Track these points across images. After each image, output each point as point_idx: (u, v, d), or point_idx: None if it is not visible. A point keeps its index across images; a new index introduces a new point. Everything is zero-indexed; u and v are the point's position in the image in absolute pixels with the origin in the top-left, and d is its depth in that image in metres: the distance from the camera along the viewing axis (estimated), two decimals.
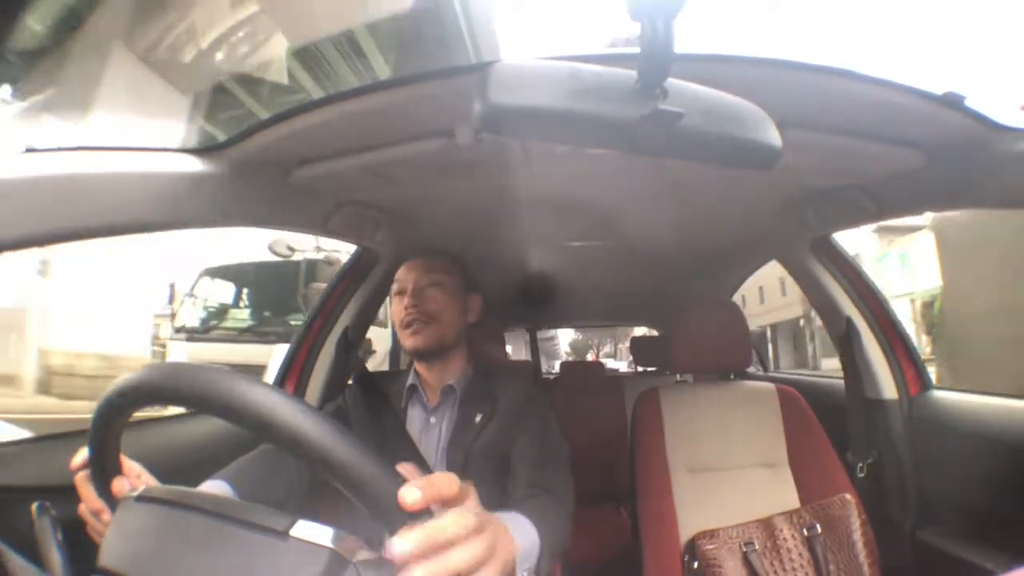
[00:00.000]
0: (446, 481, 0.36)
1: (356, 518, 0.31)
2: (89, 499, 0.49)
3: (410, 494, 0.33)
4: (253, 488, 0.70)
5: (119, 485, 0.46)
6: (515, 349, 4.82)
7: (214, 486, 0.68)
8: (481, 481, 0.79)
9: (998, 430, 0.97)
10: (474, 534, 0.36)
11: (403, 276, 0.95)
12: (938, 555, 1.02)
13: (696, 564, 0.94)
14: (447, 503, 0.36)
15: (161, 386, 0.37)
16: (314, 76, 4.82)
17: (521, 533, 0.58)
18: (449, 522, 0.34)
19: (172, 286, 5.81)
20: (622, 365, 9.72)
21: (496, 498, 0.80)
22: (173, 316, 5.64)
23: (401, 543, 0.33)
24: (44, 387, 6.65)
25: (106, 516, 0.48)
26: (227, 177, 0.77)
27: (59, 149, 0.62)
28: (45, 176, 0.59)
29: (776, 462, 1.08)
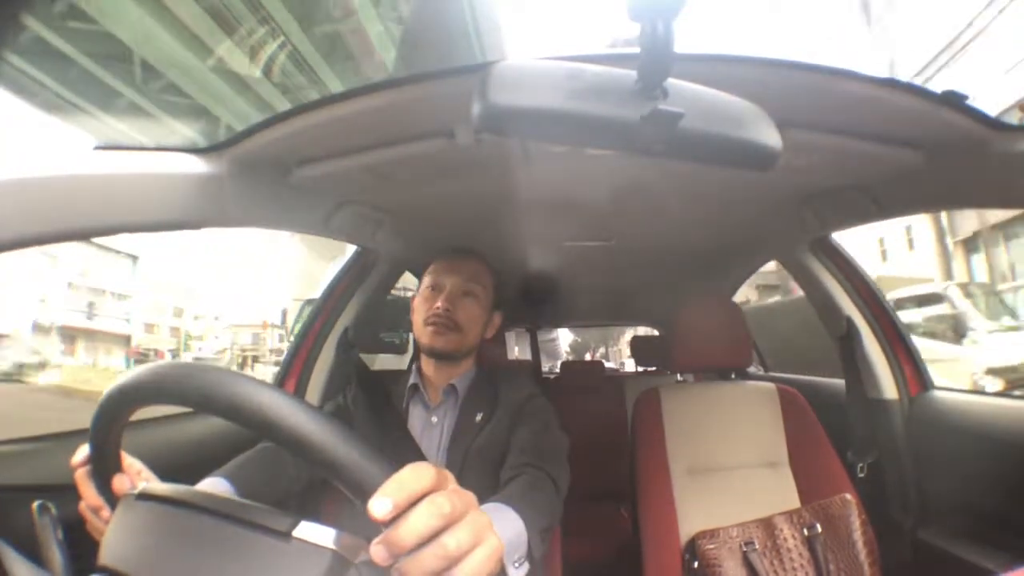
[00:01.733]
0: (416, 476, 0.33)
1: (357, 518, 0.31)
2: (89, 496, 0.49)
3: (380, 506, 0.30)
4: (252, 486, 0.70)
5: (119, 482, 0.46)
6: (521, 350, 4.83)
7: (213, 483, 0.68)
8: (481, 480, 0.80)
9: (998, 430, 0.97)
10: (453, 522, 0.33)
11: (442, 273, 0.94)
12: (938, 555, 1.02)
13: (696, 564, 0.94)
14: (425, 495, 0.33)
15: (162, 385, 0.37)
16: None
17: (505, 524, 0.56)
18: (422, 514, 0.31)
19: (284, 312, 7.03)
20: (614, 365, 9.85)
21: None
22: (289, 335, 7.01)
23: (376, 551, 0.31)
24: None
25: (105, 513, 0.47)
26: (227, 177, 0.77)
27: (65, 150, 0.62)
28: (45, 176, 0.59)
29: (776, 462, 1.08)
